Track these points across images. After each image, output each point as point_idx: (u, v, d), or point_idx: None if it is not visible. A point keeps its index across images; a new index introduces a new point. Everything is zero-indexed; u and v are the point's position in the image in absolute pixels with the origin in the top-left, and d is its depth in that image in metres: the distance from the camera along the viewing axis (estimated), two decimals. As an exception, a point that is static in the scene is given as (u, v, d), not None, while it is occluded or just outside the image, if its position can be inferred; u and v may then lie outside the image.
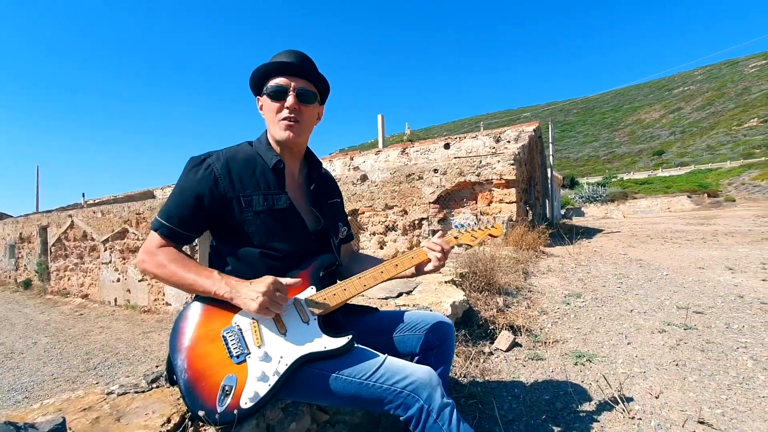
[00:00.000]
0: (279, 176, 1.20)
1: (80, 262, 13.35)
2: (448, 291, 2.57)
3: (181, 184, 1.13)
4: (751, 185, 37.61)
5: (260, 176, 1.17)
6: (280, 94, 1.16)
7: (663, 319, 2.79)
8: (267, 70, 1.17)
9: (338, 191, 1.45)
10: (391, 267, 1.25)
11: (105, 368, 7.11)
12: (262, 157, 1.20)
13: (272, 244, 1.16)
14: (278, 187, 1.19)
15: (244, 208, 1.13)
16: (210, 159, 1.14)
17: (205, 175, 1.11)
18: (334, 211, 1.39)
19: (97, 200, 18.42)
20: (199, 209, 1.11)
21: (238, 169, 1.15)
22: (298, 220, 1.21)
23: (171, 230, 1.11)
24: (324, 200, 1.33)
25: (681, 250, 5.83)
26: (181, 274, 1.07)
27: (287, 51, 1.19)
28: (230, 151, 1.19)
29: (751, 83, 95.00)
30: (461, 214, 6.89)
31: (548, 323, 2.80)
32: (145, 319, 10.71)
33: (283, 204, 1.18)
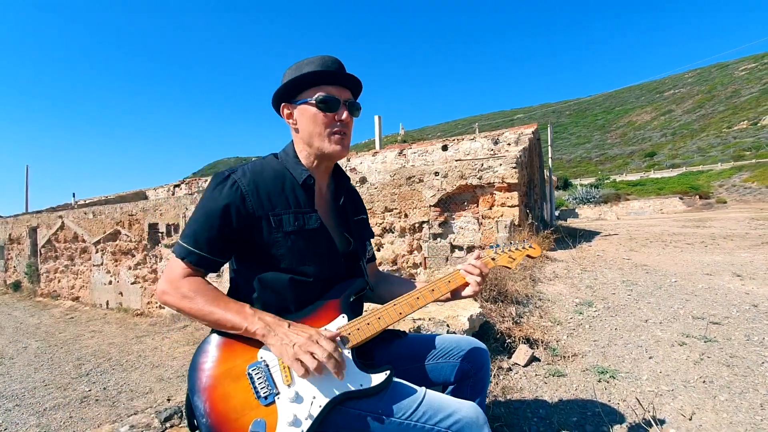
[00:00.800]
0: (309, 193, 1.10)
1: (71, 264, 13.08)
2: (462, 302, 2.47)
3: (206, 204, 1.02)
4: (742, 187, 38.04)
5: (290, 193, 1.07)
6: (332, 105, 1.06)
7: (681, 330, 2.72)
8: (315, 77, 1.06)
9: (363, 207, 1.35)
10: (427, 292, 1.15)
11: (98, 374, 6.94)
12: (291, 172, 1.10)
13: (302, 268, 1.05)
14: (308, 205, 1.09)
15: (274, 229, 1.03)
16: (235, 175, 1.04)
17: (231, 192, 1.01)
18: (361, 230, 1.28)
19: (87, 200, 18.10)
20: (227, 231, 1.01)
21: (266, 185, 1.05)
22: (328, 242, 1.11)
23: (200, 257, 1.00)
24: (351, 218, 1.23)
25: (684, 255, 5.80)
26: (209, 308, 0.96)
27: (328, 58, 1.09)
28: (256, 165, 1.09)
29: (740, 86, 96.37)
30: (462, 217, 6.81)
31: (564, 335, 2.72)
32: (138, 322, 10.49)
33: (314, 224, 1.08)
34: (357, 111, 1.12)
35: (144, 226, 10.83)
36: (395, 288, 1.28)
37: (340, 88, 1.08)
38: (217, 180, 1.03)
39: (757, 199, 34.50)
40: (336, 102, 1.06)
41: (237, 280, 1.11)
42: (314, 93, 1.06)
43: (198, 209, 1.02)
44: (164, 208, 10.46)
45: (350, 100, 1.10)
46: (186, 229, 1.02)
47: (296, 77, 1.06)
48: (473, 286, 1.16)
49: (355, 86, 1.12)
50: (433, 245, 6.94)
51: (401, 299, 1.11)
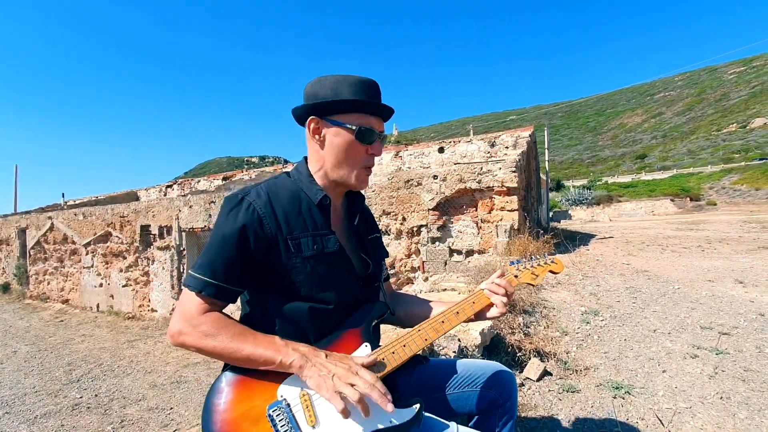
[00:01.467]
0: (325, 214, 1.04)
1: (60, 266, 12.82)
2: (471, 315, 2.41)
3: (221, 230, 0.93)
4: (732, 189, 38.63)
5: (306, 215, 1.00)
6: (370, 137, 1.01)
7: (690, 341, 2.68)
8: (362, 103, 1.00)
9: (376, 225, 1.28)
10: (452, 315, 1.08)
11: (89, 381, 6.78)
12: (306, 192, 1.03)
13: (322, 295, 0.98)
14: (325, 226, 1.02)
15: (293, 254, 0.96)
16: (249, 197, 0.96)
17: (247, 215, 0.93)
18: (376, 249, 1.21)
19: (77, 201, 17.79)
20: (246, 257, 0.93)
21: (282, 206, 0.98)
22: (348, 265, 1.04)
23: (218, 288, 0.91)
24: (365, 237, 1.16)
25: (683, 260, 5.80)
26: (236, 344, 0.87)
27: (371, 84, 1.02)
28: (270, 186, 1.01)
29: (729, 89, 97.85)
30: (461, 221, 6.76)
31: (573, 346, 2.66)
32: (130, 326, 10.31)
33: (332, 246, 1.01)
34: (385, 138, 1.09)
35: (136, 227, 10.64)
36: (413, 309, 1.21)
37: (378, 119, 1.03)
38: (231, 204, 0.95)
39: (747, 202, 35.04)
40: (373, 134, 1.01)
41: (251, 311, 1.03)
42: (355, 119, 1.00)
43: (213, 237, 0.94)
44: (157, 209, 10.28)
45: (383, 133, 1.05)
46: (199, 259, 0.93)
47: (343, 99, 0.99)
48: (499, 308, 1.09)
49: (388, 117, 1.07)
50: (431, 249, 6.88)
51: (426, 324, 1.04)
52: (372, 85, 1.02)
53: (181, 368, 7.04)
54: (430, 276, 6.95)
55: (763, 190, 36.20)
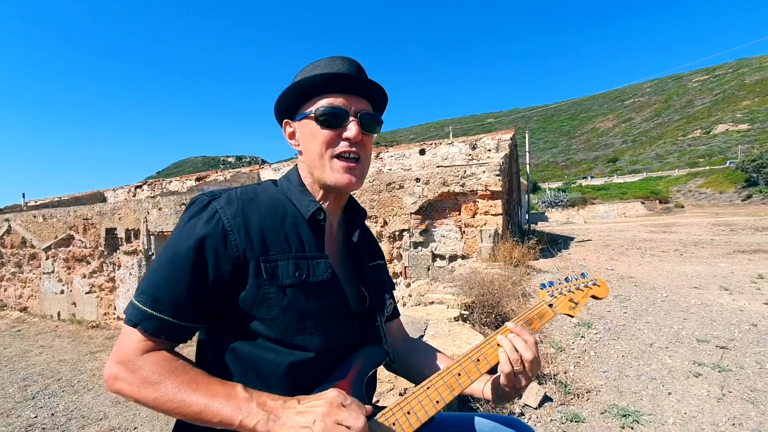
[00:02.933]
0: (317, 232, 0.80)
1: (18, 272, 12.03)
2: (464, 335, 2.20)
3: (173, 244, 0.70)
4: (697, 192, 40.17)
5: (290, 231, 0.77)
6: (336, 119, 0.78)
7: (690, 356, 2.56)
8: (315, 82, 0.78)
9: (379, 249, 1.03)
10: (471, 365, 0.84)
11: (45, 398, 6.28)
12: (294, 204, 0.81)
13: (301, 339, 0.73)
14: (316, 247, 0.78)
15: (265, 280, 0.71)
16: (217, 202, 0.73)
17: (209, 226, 0.70)
18: (379, 279, 0.96)
19: (39, 201, 16.80)
20: (202, 283, 0.69)
21: (259, 218, 0.75)
22: (340, 299, 0.79)
23: (162, 323, 0.67)
24: (366, 263, 0.91)
25: (664, 265, 5.80)
26: (183, 397, 0.63)
27: (339, 58, 0.81)
28: (248, 192, 0.79)
29: (694, 96, 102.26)
30: (444, 225, 6.59)
31: (570, 364, 2.50)
32: (93, 335, 9.71)
33: (321, 274, 0.76)
34: (375, 126, 0.83)
35: (101, 231, 10.04)
36: (423, 359, 0.96)
37: (351, 96, 0.79)
38: (193, 209, 0.73)
39: (711, 204, 36.53)
40: (342, 114, 0.78)
41: (207, 352, 0.78)
42: (316, 103, 0.79)
43: (163, 251, 0.70)
44: (123, 211, 9.72)
45: (365, 111, 0.80)
46: (143, 280, 0.69)
47: (293, 85, 0.79)
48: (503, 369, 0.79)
49: (375, 95, 0.84)
50: (414, 254, 6.68)
51: (436, 379, 0.80)
52: (341, 60, 0.81)
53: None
54: (412, 282, 6.75)
55: (726, 193, 37.82)
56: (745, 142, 56.14)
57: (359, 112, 0.79)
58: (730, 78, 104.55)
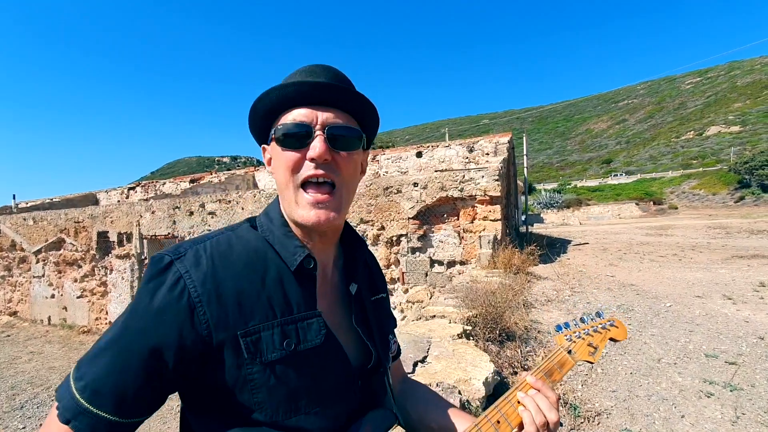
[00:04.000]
0: (307, 284, 0.65)
1: (8, 275, 11.81)
2: (469, 355, 2.11)
3: (127, 318, 0.56)
4: (691, 194, 40.40)
5: (274, 289, 0.62)
6: (297, 138, 0.63)
7: (699, 374, 2.49)
8: (277, 99, 0.64)
9: (382, 278, 0.87)
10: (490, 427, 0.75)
11: (33, 408, 6.14)
12: (277, 251, 0.65)
13: (295, 421, 0.60)
14: (306, 304, 0.64)
15: (246, 360, 0.58)
16: (181, 263, 0.58)
17: (171, 297, 0.56)
18: (382, 318, 0.81)
19: (30, 203, 16.53)
20: (159, 373, 0.55)
21: (234, 280, 0.60)
22: (338, 363, 0.66)
23: (101, 422, 0.52)
24: (369, 306, 0.76)
25: (665, 271, 5.75)
26: None
27: (311, 67, 0.68)
28: (220, 245, 0.63)
29: (686, 98, 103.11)
30: (442, 230, 6.51)
31: (578, 383, 2.42)
32: (84, 341, 9.53)
33: (314, 338, 0.62)
34: (351, 140, 0.66)
35: (92, 234, 9.86)
36: (423, 408, 0.83)
37: (317, 108, 0.64)
38: (151, 272, 0.58)
39: (705, 205, 36.78)
40: (304, 130, 0.63)
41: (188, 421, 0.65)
42: (279, 121, 0.66)
43: (115, 323, 0.57)
44: (115, 214, 9.56)
45: (335, 124, 0.64)
46: (87, 356, 0.55)
47: (256, 104, 0.66)
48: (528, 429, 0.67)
49: (357, 108, 0.68)
50: (411, 260, 6.58)
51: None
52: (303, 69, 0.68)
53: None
54: (410, 287, 6.66)
55: (719, 195, 38.09)
56: (737, 144, 56.67)
57: (327, 126, 0.63)
58: (722, 80, 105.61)
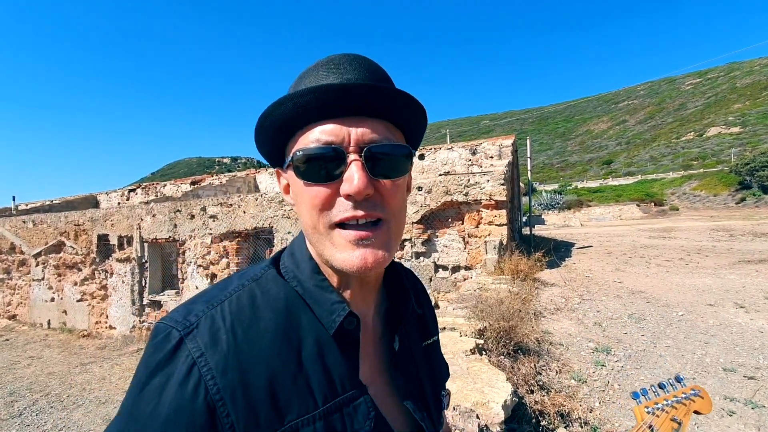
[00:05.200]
0: (349, 349, 0.52)
1: (7, 278, 11.73)
2: (485, 374, 2.03)
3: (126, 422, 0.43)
4: (692, 195, 40.32)
5: (312, 366, 0.49)
6: (324, 166, 0.48)
7: (719, 389, 2.42)
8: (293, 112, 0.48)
9: (433, 315, 0.73)
10: None
11: (32, 415, 6.07)
12: (311, 308, 0.52)
13: None
14: (350, 379, 0.51)
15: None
16: (193, 341, 0.45)
17: (182, 401, 0.43)
18: (434, 370, 0.66)
19: (29, 205, 16.45)
20: None
21: (265, 362, 0.47)
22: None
23: None
24: (420, 359, 0.63)
25: (672, 277, 5.67)
26: None
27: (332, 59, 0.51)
28: (240, 306, 0.50)
29: (686, 99, 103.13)
30: (446, 235, 6.43)
31: (595, 400, 2.34)
32: (84, 345, 9.46)
33: (363, 424, 0.50)
34: (399, 161, 0.50)
35: (92, 237, 9.78)
36: None
37: (352, 120, 0.48)
38: (156, 357, 0.45)
39: (706, 207, 36.71)
40: (333, 156, 0.47)
41: None
42: (297, 142, 0.50)
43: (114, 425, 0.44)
44: (116, 218, 9.48)
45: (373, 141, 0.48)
46: None
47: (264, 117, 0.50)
48: None
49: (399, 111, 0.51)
50: (415, 264, 6.51)
51: None
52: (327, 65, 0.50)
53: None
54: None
55: (720, 196, 38.02)
56: (737, 145, 56.64)
57: (364, 146, 0.47)
58: (722, 81, 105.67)
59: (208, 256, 8.17)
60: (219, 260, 8.07)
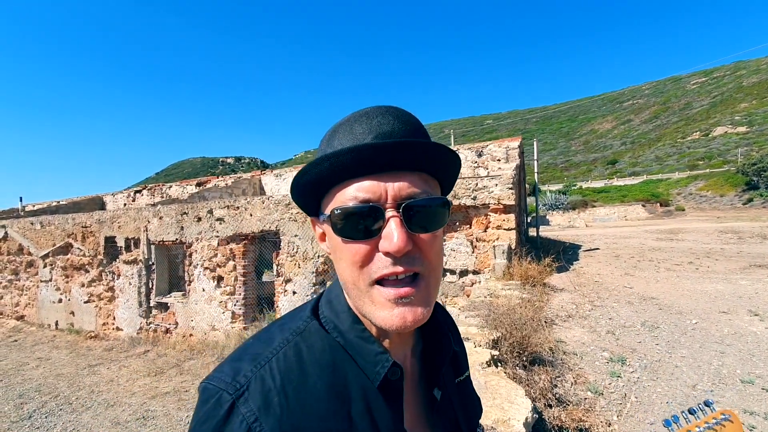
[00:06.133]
0: (393, 400, 0.53)
1: (15, 279, 11.82)
2: (503, 389, 2.01)
3: None
4: (698, 195, 40.06)
5: (361, 422, 0.50)
6: (364, 222, 0.48)
7: (738, 403, 2.39)
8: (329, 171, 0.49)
9: (465, 355, 0.72)
10: None
11: (42, 417, 6.10)
12: (355, 361, 0.53)
13: None
14: (396, 430, 0.52)
15: None
16: (246, 407, 0.46)
17: None
18: (468, 409, 0.67)
19: (36, 205, 16.57)
20: None
21: (318, 422, 0.48)
22: None
23: None
24: (455, 397, 0.64)
25: (683, 282, 5.63)
26: None
27: (366, 113, 0.51)
28: (288, 364, 0.50)
29: (692, 99, 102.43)
30: (454, 239, 6.41)
31: (613, 414, 2.32)
32: (92, 346, 9.50)
33: None
34: (436, 214, 0.50)
35: (100, 239, 9.83)
36: None
37: (388, 176, 0.48)
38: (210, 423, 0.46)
39: (712, 207, 36.45)
40: (370, 213, 0.47)
41: None
42: (334, 198, 0.51)
43: None
44: (123, 219, 9.52)
45: (412, 196, 0.48)
46: None
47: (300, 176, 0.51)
48: None
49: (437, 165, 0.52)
50: (423, 268, 6.49)
51: None
52: (363, 119, 0.50)
53: (148, 400, 6.42)
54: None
55: (726, 197, 37.74)
56: (743, 145, 56.19)
57: (403, 202, 0.48)
58: (728, 80, 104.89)
59: (215, 258, 8.19)
60: (226, 263, 8.09)
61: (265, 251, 8.45)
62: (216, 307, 8.09)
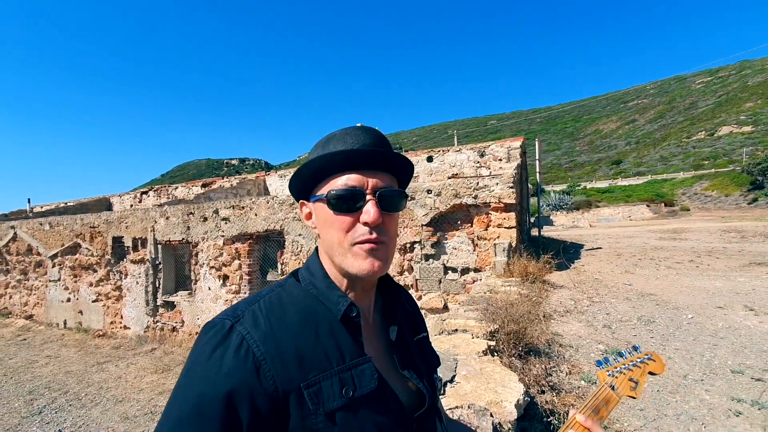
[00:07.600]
0: (354, 331, 0.69)
1: (24, 279, 12.01)
2: (497, 374, 2.11)
3: (196, 387, 0.59)
4: (703, 195, 39.86)
5: (327, 340, 0.67)
6: (351, 201, 0.69)
7: (727, 391, 2.47)
8: (328, 165, 0.70)
9: (422, 319, 0.90)
10: None
11: (52, 413, 6.23)
12: (324, 303, 0.70)
13: None
14: (356, 351, 0.68)
15: (310, 411, 0.61)
16: (242, 325, 0.63)
17: (238, 361, 0.60)
18: (427, 358, 0.83)
19: (44, 207, 16.81)
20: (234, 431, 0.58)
21: (292, 336, 0.65)
22: (394, 405, 0.68)
23: None
24: (413, 347, 0.80)
25: (682, 280, 5.69)
26: None
27: (355, 130, 0.72)
28: (272, 301, 0.69)
29: (697, 98, 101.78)
30: (456, 237, 6.50)
31: (604, 401, 2.40)
32: (100, 344, 9.66)
33: (368, 383, 0.66)
34: (398, 202, 0.72)
35: (107, 239, 10.00)
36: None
37: (368, 172, 0.70)
38: (214, 337, 0.62)
39: (717, 207, 36.25)
40: (357, 195, 0.68)
41: None
42: (327, 185, 0.71)
43: (180, 394, 0.59)
44: (130, 220, 9.68)
45: (385, 188, 0.70)
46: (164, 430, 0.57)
47: (304, 168, 0.72)
48: None
49: (398, 168, 0.74)
50: (425, 267, 6.59)
51: None
52: (353, 133, 0.72)
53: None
54: (423, 294, 6.67)
55: (732, 197, 37.53)
56: (749, 144, 55.79)
57: (378, 190, 0.69)
58: (733, 80, 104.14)
59: (221, 257, 8.32)
60: (231, 262, 8.22)
61: (269, 250, 8.57)
62: (222, 306, 8.22)
